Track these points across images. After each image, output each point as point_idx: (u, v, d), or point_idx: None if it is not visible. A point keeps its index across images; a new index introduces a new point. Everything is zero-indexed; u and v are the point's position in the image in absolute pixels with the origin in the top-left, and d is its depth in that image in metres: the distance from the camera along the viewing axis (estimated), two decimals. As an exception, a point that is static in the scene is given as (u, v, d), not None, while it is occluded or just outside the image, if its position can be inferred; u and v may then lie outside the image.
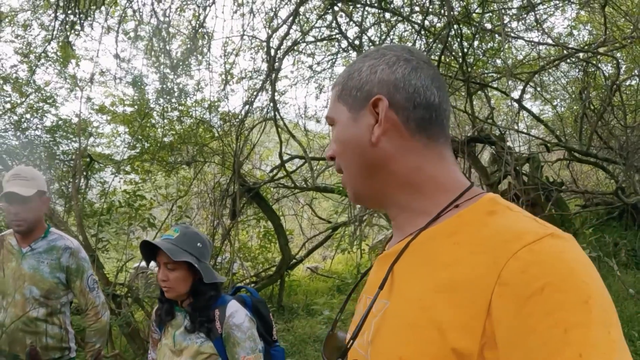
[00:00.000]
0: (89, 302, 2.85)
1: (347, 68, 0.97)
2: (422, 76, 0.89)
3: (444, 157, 0.90)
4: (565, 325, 0.63)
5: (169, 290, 2.14)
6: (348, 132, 0.92)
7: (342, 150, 0.94)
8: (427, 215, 0.86)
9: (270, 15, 6.19)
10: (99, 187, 8.45)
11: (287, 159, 7.20)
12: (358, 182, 0.94)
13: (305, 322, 6.73)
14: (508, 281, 0.68)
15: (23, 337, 2.68)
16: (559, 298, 0.64)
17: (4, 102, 7.92)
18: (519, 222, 0.76)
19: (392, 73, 0.89)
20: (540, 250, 0.69)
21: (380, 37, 6.52)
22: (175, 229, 2.22)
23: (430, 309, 0.75)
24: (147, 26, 6.05)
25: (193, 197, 8.16)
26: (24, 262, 2.72)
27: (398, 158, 0.88)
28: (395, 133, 0.88)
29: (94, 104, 8.31)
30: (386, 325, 0.83)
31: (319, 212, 9.62)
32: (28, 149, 7.93)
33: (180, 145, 7.25)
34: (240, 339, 2.12)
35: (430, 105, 0.88)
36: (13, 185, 2.63)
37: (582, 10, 7.44)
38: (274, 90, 5.74)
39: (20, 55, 7.60)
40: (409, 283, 0.82)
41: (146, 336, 5.58)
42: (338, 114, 0.94)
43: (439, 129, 0.89)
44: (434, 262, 0.79)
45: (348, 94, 0.92)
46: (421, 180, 0.88)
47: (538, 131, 9.84)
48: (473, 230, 0.78)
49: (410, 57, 0.90)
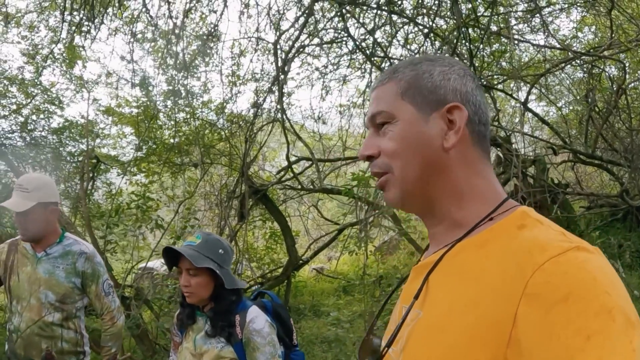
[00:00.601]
0: (104, 306, 2.86)
1: (411, 66, 0.96)
2: (480, 94, 0.93)
3: (490, 172, 0.94)
4: (588, 333, 0.64)
5: (191, 296, 2.18)
6: (417, 130, 0.91)
7: (404, 148, 0.92)
8: (464, 227, 0.89)
9: (277, 18, 6.22)
10: (105, 188, 8.50)
11: (294, 160, 7.23)
12: (412, 184, 0.92)
13: (312, 323, 6.76)
14: (534, 291, 0.70)
15: (39, 342, 2.69)
16: (582, 306, 0.66)
17: (10, 103, 7.95)
18: (547, 235, 0.77)
19: (464, 85, 0.92)
20: (565, 262, 0.71)
21: (388, 40, 6.55)
22: (198, 235, 2.26)
23: (459, 319, 0.77)
24: (155, 28, 6.07)
25: (199, 199, 8.19)
26: (39, 266, 2.72)
27: (458, 167, 0.90)
28: (463, 143, 0.90)
29: (100, 105, 8.34)
30: (417, 335, 0.85)
31: (324, 213, 9.65)
32: (34, 150, 7.95)
33: (188, 147, 7.28)
34: (260, 344, 2.15)
35: (486, 123, 0.93)
36: (13, 197, 2.64)
37: (587, 13, 7.45)
38: (282, 93, 5.76)
39: (26, 56, 7.62)
40: (440, 294, 0.85)
41: (154, 338, 5.62)
42: (402, 111, 0.93)
43: (488, 145, 0.94)
44: (465, 273, 0.82)
45: (417, 92, 0.92)
46: (469, 193, 0.91)
47: (543, 133, 9.86)
48: (503, 243, 0.80)
49: (472, 75, 0.95)
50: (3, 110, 7.89)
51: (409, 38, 6.70)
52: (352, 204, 6.63)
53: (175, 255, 2.22)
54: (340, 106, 7.84)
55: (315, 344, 6.02)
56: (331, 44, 6.66)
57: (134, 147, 7.75)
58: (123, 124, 8.23)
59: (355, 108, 7.83)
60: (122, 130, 8.69)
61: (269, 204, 7.14)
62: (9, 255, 2.80)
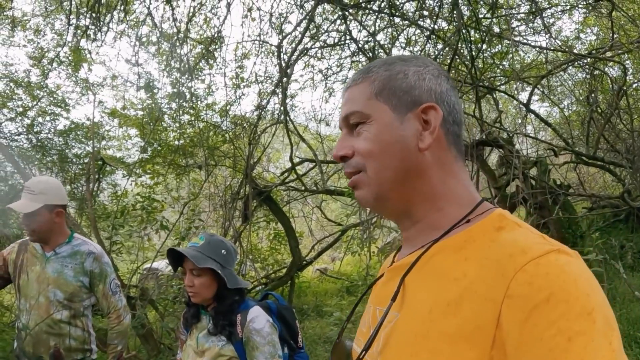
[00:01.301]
0: (111, 305, 2.93)
1: (385, 66, 0.93)
2: (454, 95, 0.93)
3: (465, 173, 0.93)
4: (569, 334, 0.66)
5: (195, 295, 2.23)
6: (392, 133, 0.89)
7: (379, 149, 0.89)
8: (439, 229, 0.87)
9: (280, 21, 6.27)
10: (110, 189, 8.57)
11: (298, 162, 7.27)
12: (387, 185, 0.90)
13: (315, 323, 6.81)
14: (516, 293, 0.70)
15: (47, 339, 2.75)
16: (564, 308, 0.67)
17: (17, 106, 8.03)
18: (526, 237, 0.78)
19: (439, 85, 0.91)
20: (546, 264, 0.71)
21: (390, 42, 6.59)
22: (201, 236, 2.31)
23: (440, 321, 0.76)
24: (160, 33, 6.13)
25: (204, 200, 8.25)
26: (48, 266, 2.79)
27: (435, 168, 0.89)
28: (438, 144, 0.89)
29: (105, 107, 8.42)
30: (396, 337, 0.84)
31: (328, 213, 9.69)
32: (40, 152, 8.03)
33: (192, 149, 7.34)
34: (260, 344, 2.19)
35: (460, 123, 0.92)
36: (22, 199, 2.72)
37: (590, 14, 7.49)
38: (285, 95, 5.81)
39: (32, 59, 7.70)
40: (419, 296, 0.84)
41: (159, 337, 5.67)
42: (376, 111, 0.90)
43: (461, 146, 0.93)
44: (444, 275, 0.81)
45: (392, 93, 0.90)
46: (443, 195, 0.89)
47: (545, 134, 9.89)
48: (482, 245, 0.80)
49: (447, 75, 0.94)
50: (10, 113, 7.99)
51: (411, 40, 6.75)
52: (355, 205, 6.68)
53: (180, 256, 2.27)
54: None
55: (319, 343, 6.07)
56: (334, 47, 6.71)
57: (139, 148, 7.82)
58: (128, 126, 8.29)
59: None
60: (127, 132, 8.76)
61: (273, 205, 7.19)
62: (18, 254, 2.86)
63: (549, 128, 8.73)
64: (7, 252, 2.91)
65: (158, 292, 6.02)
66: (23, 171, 7.13)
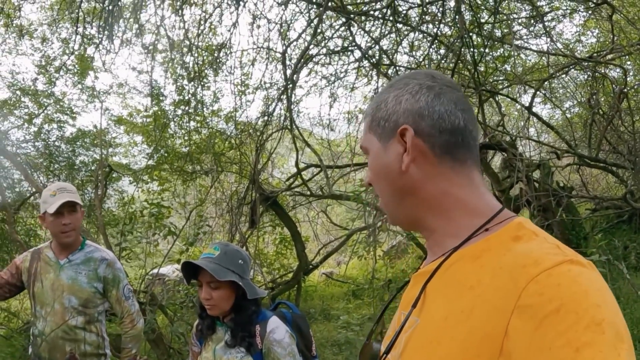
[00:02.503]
0: (124, 310, 2.98)
1: (375, 98, 1.00)
2: (445, 101, 0.91)
3: (472, 180, 0.93)
4: (577, 345, 0.66)
5: (213, 308, 2.19)
6: (379, 161, 0.96)
7: (376, 178, 0.98)
8: (457, 238, 0.89)
9: (285, 28, 6.34)
10: (117, 196, 8.63)
11: (304, 167, 7.33)
12: (391, 207, 0.99)
13: (323, 327, 6.86)
14: (526, 303, 0.71)
15: (63, 345, 2.80)
16: (573, 319, 0.67)
17: (24, 114, 8.10)
18: (541, 248, 0.78)
19: (416, 102, 0.91)
20: (558, 275, 0.72)
21: (393, 47, 6.66)
22: (215, 247, 2.25)
23: (453, 328, 0.78)
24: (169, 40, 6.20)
25: (210, 206, 8.29)
26: (62, 273, 2.84)
27: (426, 184, 0.91)
28: (423, 160, 0.91)
29: (112, 115, 8.49)
30: (414, 342, 0.87)
31: (333, 218, 9.73)
32: (48, 159, 8.09)
33: (199, 155, 7.39)
34: (281, 355, 2.16)
35: (456, 129, 0.90)
36: (65, 197, 2.77)
37: (590, 16, 7.54)
38: (290, 101, 5.87)
39: (39, 68, 7.78)
40: (437, 302, 0.86)
41: (169, 342, 5.72)
42: (370, 143, 0.98)
43: (465, 152, 0.92)
44: (460, 283, 0.83)
45: (377, 124, 0.96)
46: (449, 204, 0.91)
47: (548, 136, 9.93)
48: (497, 254, 0.81)
49: (432, 84, 0.93)
50: (17, 121, 8.07)
51: (414, 45, 6.82)
52: (361, 209, 6.73)
53: (194, 268, 2.21)
54: (348, 113, 7.94)
55: (326, 347, 6.11)
56: (338, 53, 6.77)
57: (146, 155, 7.89)
58: (135, 133, 8.36)
59: (362, 114, 7.93)
60: (133, 139, 8.84)
61: (279, 210, 7.24)
62: (32, 263, 2.91)
63: (551, 131, 8.79)
64: (20, 260, 2.96)
65: (167, 298, 6.07)
66: (31, 178, 7.19)
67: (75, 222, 2.83)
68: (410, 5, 6.08)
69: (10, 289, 2.95)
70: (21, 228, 7.92)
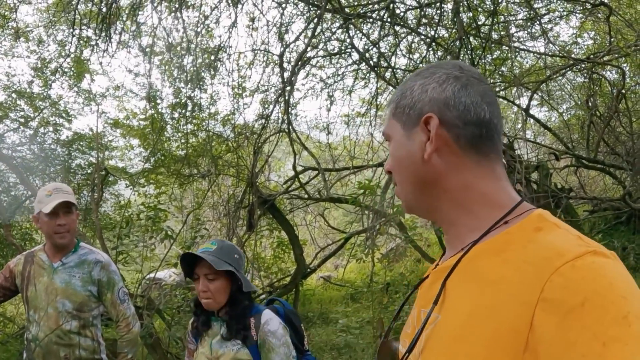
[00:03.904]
0: (120, 313, 2.93)
1: (401, 86, 0.99)
2: (472, 93, 0.91)
3: (495, 173, 0.92)
4: (604, 339, 0.65)
5: (209, 302, 2.25)
6: (402, 148, 0.95)
7: (397, 165, 0.97)
8: (477, 231, 0.88)
9: (282, 30, 6.31)
10: (113, 199, 8.59)
11: (301, 170, 7.30)
12: (410, 196, 0.98)
13: (322, 331, 6.82)
14: (550, 296, 0.70)
15: (57, 350, 2.75)
16: (598, 312, 0.66)
17: (19, 116, 8.05)
18: (564, 239, 0.77)
19: (443, 91, 0.91)
20: (582, 267, 0.70)
21: (390, 50, 6.65)
22: (212, 242, 2.34)
23: (478, 325, 0.77)
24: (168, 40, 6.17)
25: (207, 209, 8.26)
26: (56, 276, 2.79)
27: (449, 175, 0.91)
28: (446, 150, 0.90)
29: (108, 118, 8.45)
30: (435, 339, 0.85)
31: (330, 221, 9.70)
32: (43, 162, 8.05)
33: (196, 159, 7.36)
34: (275, 345, 2.24)
35: (481, 122, 0.90)
36: (61, 197, 2.73)
37: (587, 18, 7.54)
38: (288, 104, 5.84)
39: (35, 70, 7.74)
40: (459, 298, 0.85)
41: (166, 346, 5.67)
42: (393, 131, 0.98)
43: (489, 145, 0.91)
44: (482, 278, 0.81)
45: (401, 112, 0.96)
46: (471, 197, 0.90)
47: (545, 138, 9.93)
48: (519, 247, 0.80)
49: (460, 74, 0.93)
50: (12, 124, 8.01)
51: (411, 48, 6.80)
52: (358, 212, 6.70)
53: (190, 264, 2.29)
54: (346, 116, 7.93)
55: (325, 350, 6.08)
56: (335, 55, 6.75)
57: (142, 159, 7.85)
58: (131, 137, 8.32)
59: (359, 117, 7.92)
60: (129, 142, 8.80)
61: (277, 213, 7.20)
62: (25, 266, 2.86)
63: (548, 132, 8.80)
64: (13, 264, 2.91)
65: (164, 302, 6.02)
66: (27, 181, 7.14)
67: (70, 223, 2.79)
68: (408, 7, 6.07)
69: (5, 293, 2.90)
70: (17, 232, 7.86)
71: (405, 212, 1.06)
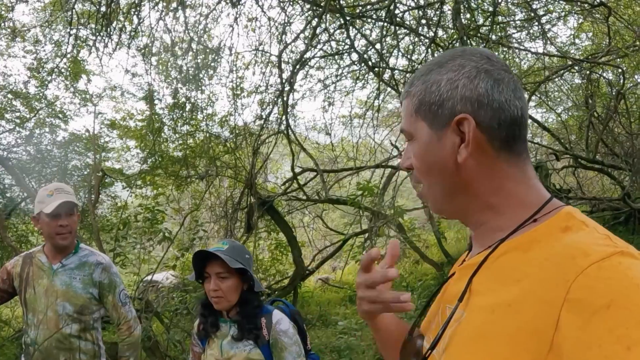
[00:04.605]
0: (121, 316, 2.89)
1: (422, 77, 0.92)
2: (504, 89, 0.86)
3: (525, 172, 0.89)
4: (628, 343, 0.63)
5: (220, 301, 2.25)
6: (432, 151, 0.90)
7: (425, 168, 0.92)
8: (505, 230, 0.86)
9: (280, 31, 6.28)
10: (110, 201, 8.54)
11: (300, 171, 7.27)
12: (440, 200, 0.94)
13: (321, 333, 6.79)
14: (576, 297, 0.68)
15: (57, 354, 2.71)
16: (624, 315, 0.65)
17: (15, 117, 8.00)
18: (591, 238, 0.76)
19: (475, 88, 0.86)
20: (608, 268, 0.69)
21: (389, 50, 6.62)
22: (224, 242, 2.35)
23: (501, 322, 0.76)
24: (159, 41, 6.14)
25: (204, 211, 8.22)
26: (56, 278, 2.74)
27: (482, 179, 0.88)
28: (480, 153, 0.86)
29: (105, 119, 8.41)
30: (459, 335, 0.85)
31: (328, 223, 9.68)
32: (40, 164, 7.99)
33: (193, 160, 7.31)
34: (288, 344, 2.26)
35: (515, 121, 0.86)
36: (63, 198, 2.69)
37: (585, 19, 7.55)
38: (287, 105, 5.81)
39: (31, 70, 7.69)
40: (484, 296, 0.84)
41: (165, 349, 5.63)
42: (417, 129, 0.92)
43: (521, 144, 0.88)
44: (508, 276, 0.80)
45: (428, 109, 0.89)
46: (502, 199, 0.88)
47: (543, 139, 9.94)
48: (546, 245, 0.78)
49: (490, 68, 0.87)
50: (8, 124, 7.95)
51: (410, 48, 6.79)
52: (356, 214, 6.68)
53: (196, 266, 2.30)
54: (344, 117, 7.91)
55: (325, 353, 6.04)
56: (334, 56, 6.73)
57: (139, 160, 7.80)
58: (128, 138, 8.28)
59: (357, 119, 7.90)
60: (126, 143, 8.76)
61: (276, 215, 7.16)
62: (23, 268, 2.82)
63: (546, 133, 8.80)
64: (11, 265, 2.87)
65: (163, 304, 5.98)
66: (23, 183, 7.08)
67: (72, 224, 2.75)
68: (408, 7, 6.05)
69: (2, 296, 2.86)
70: (12, 234, 7.79)
71: (432, 212, 1.00)
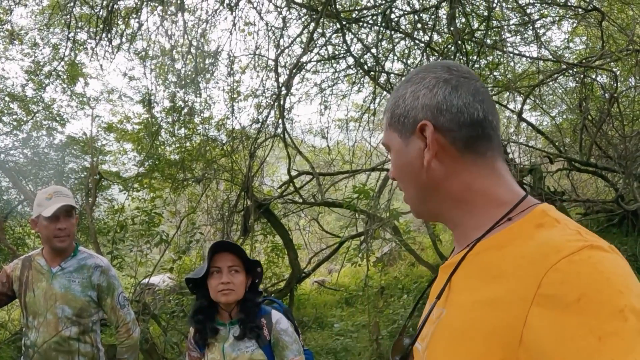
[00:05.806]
0: (120, 319, 2.90)
1: (393, 94, 1.00)
2: (462, 94, 0.91)
3: (495, 169, 0.92)
4: (600, 334, 0.65)
5: (230, 293, 2.27)
6: (402, 158, 0.97)
7: (399, 174, 0.99)
8: (481, 228, 0.89)
9: (277, 35, 6.31)
10: (107, 204, 8.54)
11: (296, 174, 7.29)
12: (416, 202, 1.00)
13: (317, 335, 6.82)
14: (547, 292, 0.70)
15: (56, 357, 2.72)
16: (594, 308, 0.66)
17: (12, 120, 8.01)
18: (562, 235, 0.78)
19: (434, 97, 0.91)
20: (578, 262, 0.71)
21: (384, 55, 6.66)
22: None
23: (478, 319, 0.79)
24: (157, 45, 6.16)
25: (201, 214, 8.22)
26: (55, 281, 2.76)
27: (449, 178, 0.92)
28: (444, 155, 0.91)
29: (102, 122, 8.42)
30: (439, 333, 0.88)
31: (323, 226, 9.71)
32: (36, 166, 7.99)
33: (190, 163, 7.32)
34: (288, 343, 2.33)
35: (475, 122, 0.90)
36: (62, 201, 2.70)
37: (579, 23, 7.60)
38: (283, 108, 5.84)
39: (28, 73, 7.69)
40: (462, 294, 0.87)
41: (162, 352, 5.64)
42: (391, 140, 0.99)
43: (486, 143, 0.92)
44: (484, 274, 0.83)
45: (397, 121, 0.97)
46: (472, 197, 0.92)
47: (537, 142, 9.98)
48: (520, 243, 0.81)
49: (449, 77, 0.92)
50: (5, 127, 7.96)
51: (406, 53, 6.82)
52: (352, 217, 6.71)
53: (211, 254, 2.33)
54: (340, 120, 7.94)
55: (321, 354, 6.07)
56: (330, 60, 6.76)
57: (136, 163, 7.81)
58: (125, 141, 8.29)
59: (353, 122, 7.93)
60: (122, 146, 8.76)
61: (272, 218, 7.18)
62: (22, 271, 2.83)
63: (540, 136, 8.84)
64: (10, 268, 2.88)
65: (159, 307, 5.99)
66: (20, 185, 7.08)
67: (70, 227, 2.76)
68: (403, 12, 6.09)
69: (1, 299, 2.87)
70: (9, 237, 7.79)
71: (415, 216, 1.07)
